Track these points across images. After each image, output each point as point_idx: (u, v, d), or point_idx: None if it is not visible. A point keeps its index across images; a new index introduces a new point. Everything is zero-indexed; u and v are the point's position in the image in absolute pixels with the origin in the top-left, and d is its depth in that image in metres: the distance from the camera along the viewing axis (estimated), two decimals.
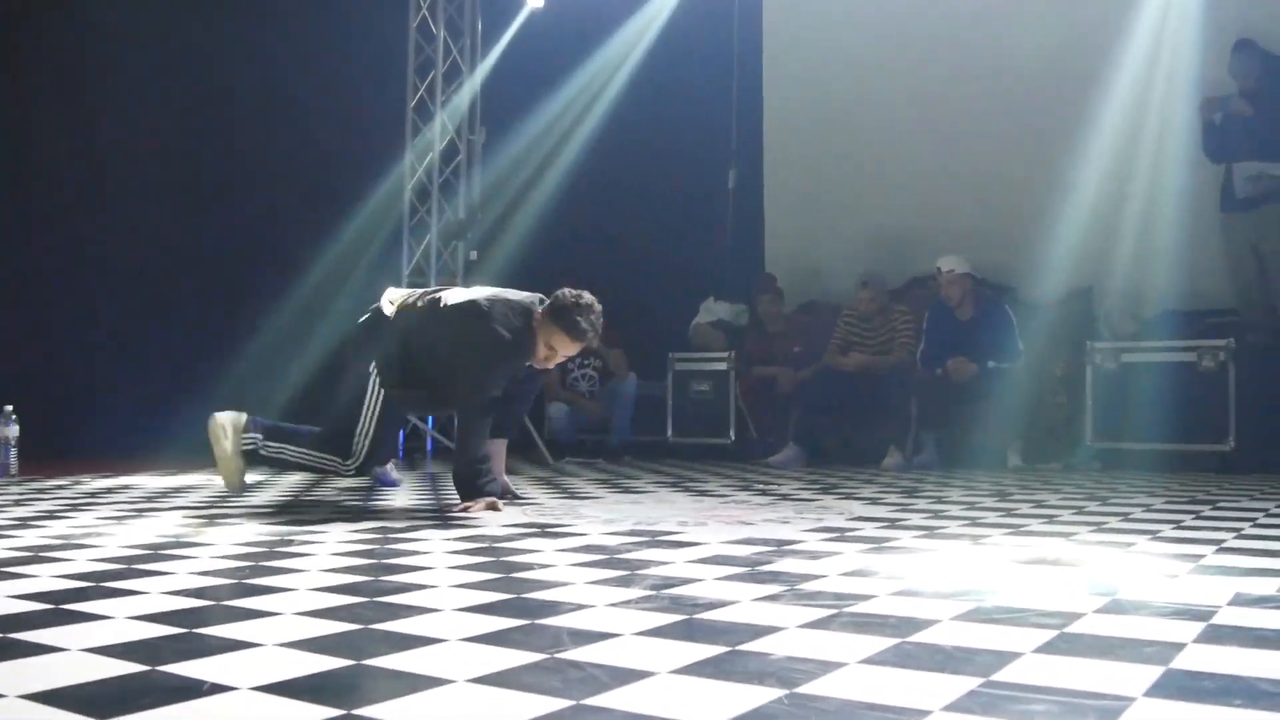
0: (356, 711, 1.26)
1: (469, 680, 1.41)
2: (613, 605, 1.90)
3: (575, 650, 1.56)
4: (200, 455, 6.64)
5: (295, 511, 3.54)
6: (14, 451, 4.95)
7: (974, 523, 3.26)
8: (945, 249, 7.04)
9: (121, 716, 1.23)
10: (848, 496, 4.24)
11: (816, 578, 2.20)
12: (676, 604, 1.91)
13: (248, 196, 7.95)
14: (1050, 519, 3.36)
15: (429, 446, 7.67)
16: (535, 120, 7.86)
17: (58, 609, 1.86)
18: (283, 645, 1.60)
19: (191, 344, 7.63)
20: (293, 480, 4.91)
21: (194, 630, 1.70)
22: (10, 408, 5.01)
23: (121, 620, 1.77)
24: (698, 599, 1.96)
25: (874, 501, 4.00)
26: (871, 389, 6.39)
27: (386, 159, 7.70)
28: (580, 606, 1.88)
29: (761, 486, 4.73)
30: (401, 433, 7.51)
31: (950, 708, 1.28)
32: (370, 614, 1.83)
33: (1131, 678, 1.42)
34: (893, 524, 3.22)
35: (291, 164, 8.02)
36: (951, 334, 6.35)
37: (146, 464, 5.87)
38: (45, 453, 5.80)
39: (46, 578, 2.17)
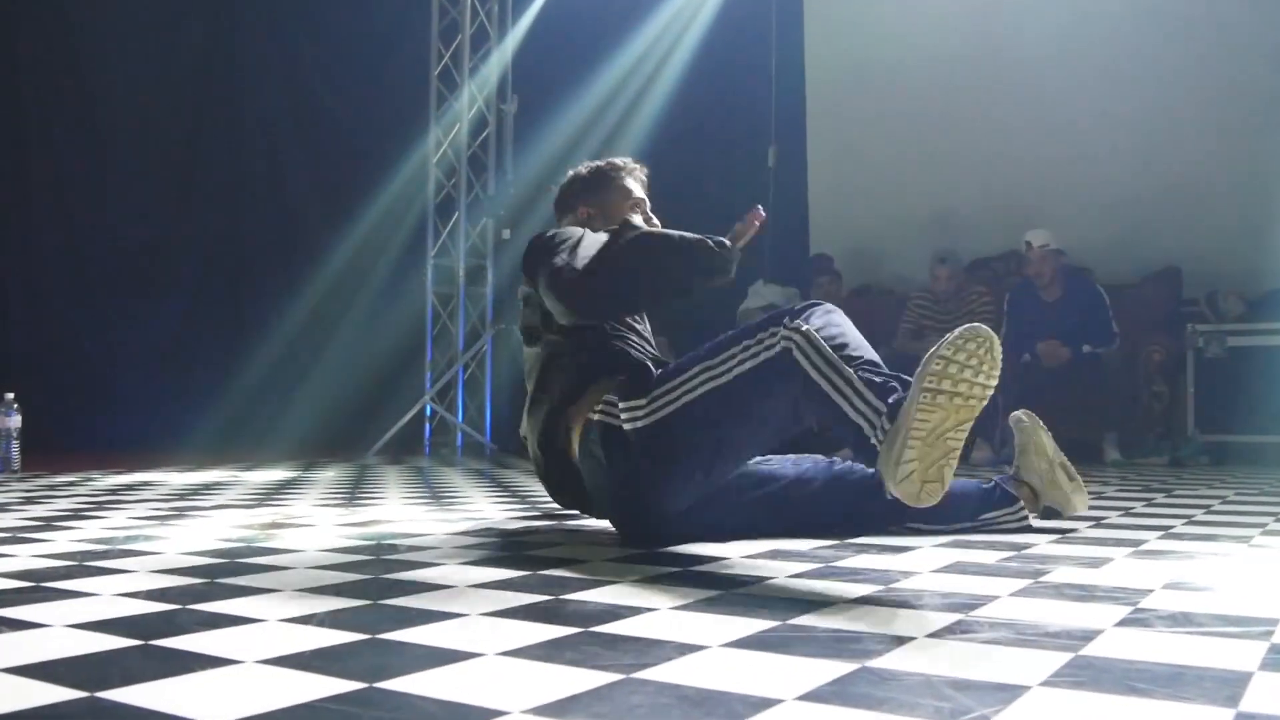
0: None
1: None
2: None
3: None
4: (216, 449, 6.15)
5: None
6: (16, 445, 4.35)
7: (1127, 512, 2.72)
8: (1011, 228, 6.55)
9: None
10: None
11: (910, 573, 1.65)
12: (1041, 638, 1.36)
13: (258, 174, 7.39)
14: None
15: (459, 441, 7.09)
16: (571, 90, 7.28)
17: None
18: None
19: (200, 334, 7.06)
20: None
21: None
22: (11, 396, 4.41)
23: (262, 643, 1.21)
24: (1046, 627, 1.41)
25: None
26: None
27: (409, 131, 7.12)
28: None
29: None
30: (428, 427, 6.96)
31: None
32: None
33: None
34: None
35: (306, 139, 7.47)
36: (1037, 316, 5.83)
37: (158, 459, 5.28)
38: (47, 446, 5.23)
39: (109, 596, 1.59)
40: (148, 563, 1.94)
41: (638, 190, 2.62)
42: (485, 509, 3.03)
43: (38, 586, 1.68)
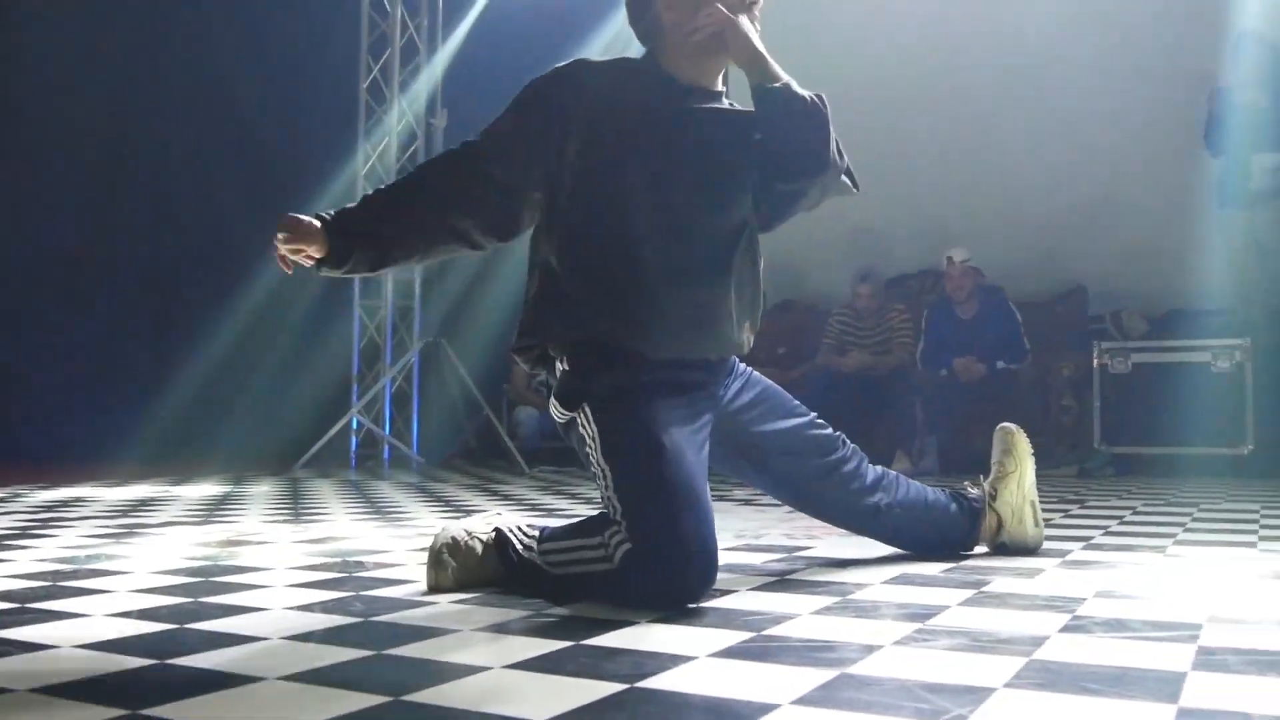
0: None
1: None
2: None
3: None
4: (138, 463, 6.07)
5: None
6: None
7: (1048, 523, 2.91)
8: (928, 247, 6.79)
9: None
10: None
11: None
12: (975, 640, 1.49)
13: (185, 185, 7.31)
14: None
15: (386, 454, 7.10)
16: (501, 104, 7.33)
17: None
18: None
19: (124, 347, 6.97)
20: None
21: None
22: None
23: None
24: (980, 631, 1.54)
25: None
26: (871, 390, 6.06)
27: (338, 144, 7.12)
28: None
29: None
30: (354, 440, 6.96)
31: None
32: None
33: None
34: None
35: (233, 150, 7.41)
36: (954, 332, 6.05)
37: (80, 473, 5.22)
38: None
39: (102, 617, 1.64)
40: (124, 582, 1.98)
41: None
42: (432, 521, 3.09)
43: (24, 608, 1.72)
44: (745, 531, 2.86)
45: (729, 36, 2.03)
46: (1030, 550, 2.38)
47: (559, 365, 1.99)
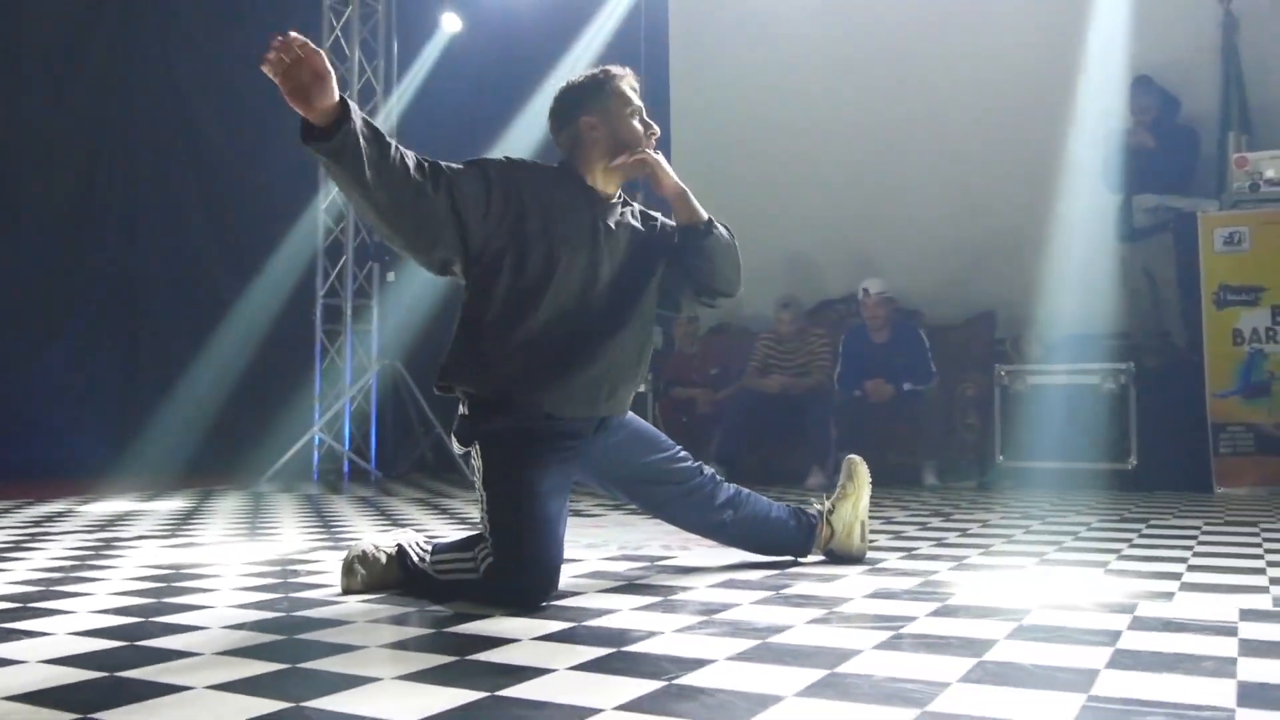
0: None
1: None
2: (679, 631, 1.97)
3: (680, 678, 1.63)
4: (112, 478, 6.51)
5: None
6: None
7: (897, 535, 3.42)
8: (853, 272, 7.31)
9: None
10: None
11: (843, 600, 2.30)
12: (737, 629, 1.99)
13: (153, 211, 7.78)
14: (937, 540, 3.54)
15: (345, 469, 7.57)
16: (457, 142, 7.83)
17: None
18: None
19: (95, 366, 7.42)
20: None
21: None
22: None
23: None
24: (755, 623, 2.04)
25: None
26: (791, 410, 6.57)
27: (299, 177, 7.59)
28: (650, 633, 1.95)
29: None
30: (316, 455, 7.42)
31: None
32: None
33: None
34: None
35: (200, 179, 7.88)
36: (867, 356, 6.57)
37: (58, 488, 5.67)
38: None
39: (63, 635, 2.13)
40: (85, 603, 2.46)
41: (635, 97, 2.60)
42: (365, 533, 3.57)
43: (24, 608, 2.21)
44: (629, 543, 3.35)
45: (660, 175, 2.55)
46: (855, 559, 2.88)
47: (461, 407, 2.48)
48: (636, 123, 2.56)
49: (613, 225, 2.53)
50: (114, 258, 7.64)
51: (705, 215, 2.60)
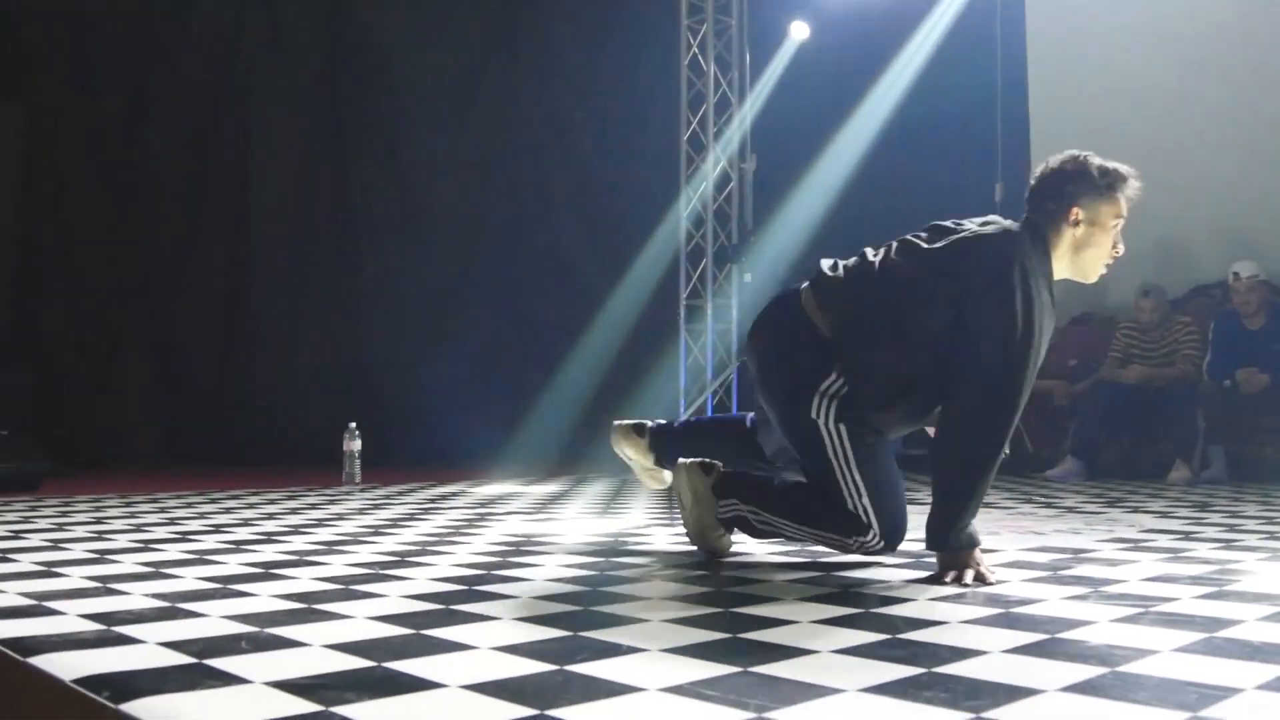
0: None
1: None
2: (934, 600, 2.15)
3: (913, 633, 1.83)
4: (504, 465, 7.34)
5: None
6: (359, 463, 5.65)
7: (1272, 535, 3.30)
8: (1228, 255, 6.86)
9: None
10: (1136, 510, 4.29)
11: (1119, 581, 2.37)
12: (991, 600, 2.14)
13: (532, 223, 8.67)
14: None
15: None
16: (805, 145, 8.17)
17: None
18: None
19: (495, 367, 8.37)
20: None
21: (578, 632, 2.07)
22: (354, 424, 5.72)
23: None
24: (1009, 596, 2.18)
25: (1164, 515, 4.04)
26: (1154, 402, 6.30)
27: (663, 188, 8.18)
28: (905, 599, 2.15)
29: (1043, 499, 4.82)
30: None
31: (1263, 687, 1.47)
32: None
33: None
34: (1187, 536, 3.30)
35: (574, 193, 8.69)
36: (1241, 344, 6.19)
37: (459, 474, 6.50)
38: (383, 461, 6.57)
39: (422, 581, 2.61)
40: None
41: (1124, 209, 2.61)
42: None
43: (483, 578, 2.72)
44: None
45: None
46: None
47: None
48: (1111, 235, 2.60)
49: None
50: (504, 269, 8.58)
51: None
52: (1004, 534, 3.37)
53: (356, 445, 5.70)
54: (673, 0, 8.15)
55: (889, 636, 1.79)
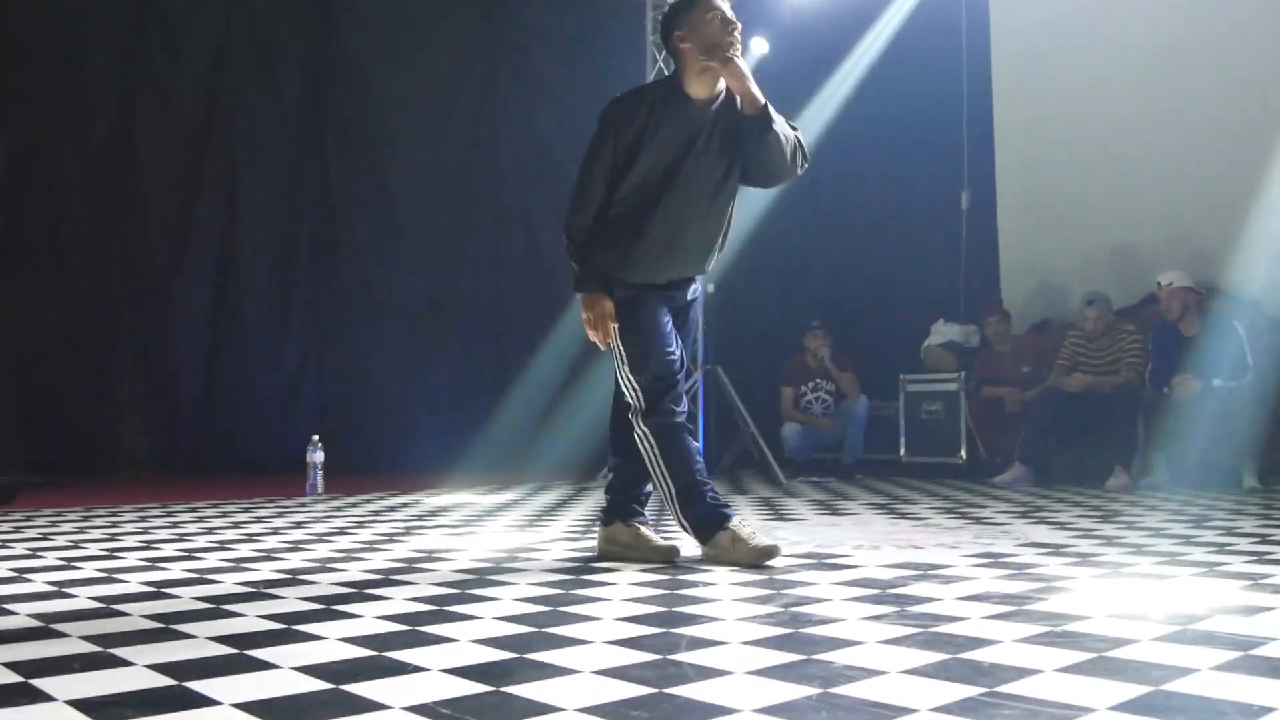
0: None
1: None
2: (741, 620, 2.36)
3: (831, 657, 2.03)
4: (491, 473, 7.58)
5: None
6: (320, 474, 5.91)
7: (1140, 550, 3.46)
8: (1182, 264, 7.01)
9: None
10: (1042, 521, 4.44)
11: (932, 600, 2.57)
12: (794, 618, 2.35)
13: (514, 249, 8.91)
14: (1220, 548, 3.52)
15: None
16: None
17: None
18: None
19: (473, 378, 8.60)
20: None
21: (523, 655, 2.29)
22: (317, 437, 5.98)
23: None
24: (812, 615, 2.39)
25: (1063, 526, 4.21)
26: (1098, 409, 6.47)
27: None
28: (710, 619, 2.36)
29: (965, 511, 4.98)
30: None
31: (943, 711, 1.67)
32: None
33: None
34: (1056, 550, 3.47)
35: (555, 211, 8.88)
36: (1177, 351, 6.36)
37: (431, 482, 6.74)
38: (344, 473, 6.81)
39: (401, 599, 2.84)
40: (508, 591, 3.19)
41: (719, 2, 3.15)
42: None
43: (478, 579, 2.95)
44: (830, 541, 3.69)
45: (729, 73, 3.10)
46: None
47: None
48: (717, 24, 3.09)
49: (708, 126, 3.14)
50: (484, 283, 8.82)
51: (766, 109, 3.10)
52: (885, 546, 3.57)
53: (319, 457, 5.95)
54: (638, 18, 8.33)
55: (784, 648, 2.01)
